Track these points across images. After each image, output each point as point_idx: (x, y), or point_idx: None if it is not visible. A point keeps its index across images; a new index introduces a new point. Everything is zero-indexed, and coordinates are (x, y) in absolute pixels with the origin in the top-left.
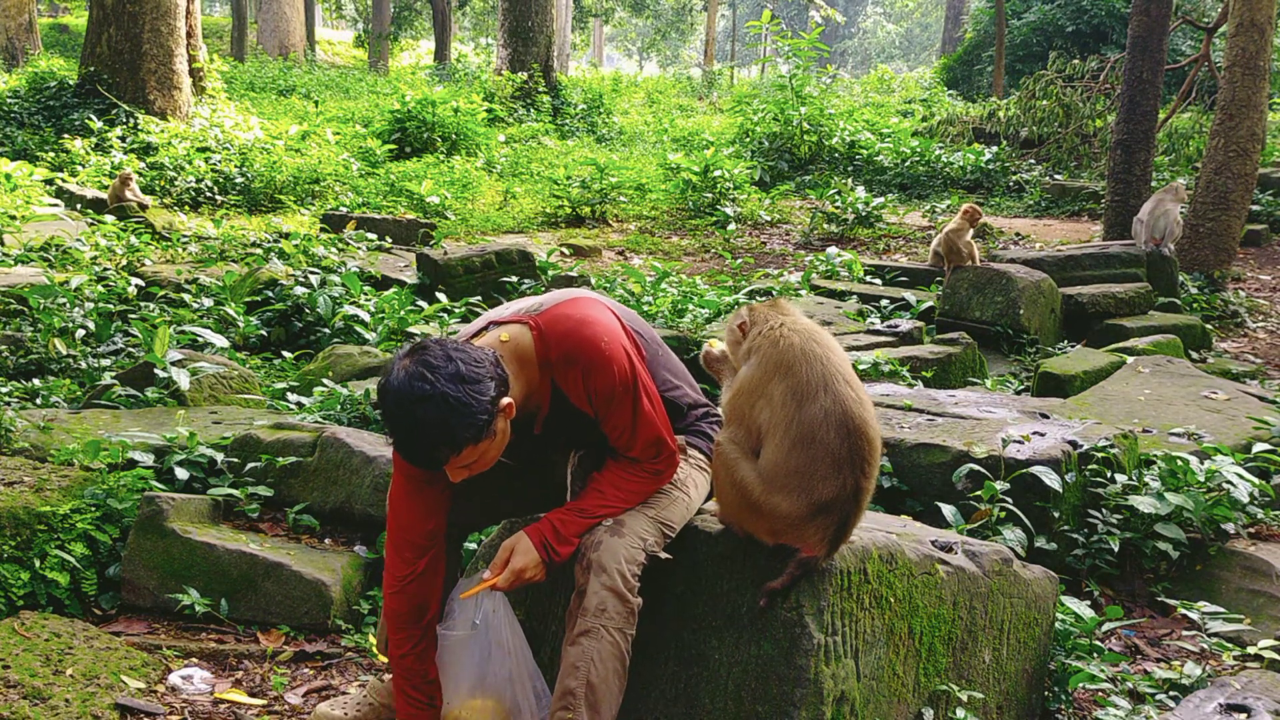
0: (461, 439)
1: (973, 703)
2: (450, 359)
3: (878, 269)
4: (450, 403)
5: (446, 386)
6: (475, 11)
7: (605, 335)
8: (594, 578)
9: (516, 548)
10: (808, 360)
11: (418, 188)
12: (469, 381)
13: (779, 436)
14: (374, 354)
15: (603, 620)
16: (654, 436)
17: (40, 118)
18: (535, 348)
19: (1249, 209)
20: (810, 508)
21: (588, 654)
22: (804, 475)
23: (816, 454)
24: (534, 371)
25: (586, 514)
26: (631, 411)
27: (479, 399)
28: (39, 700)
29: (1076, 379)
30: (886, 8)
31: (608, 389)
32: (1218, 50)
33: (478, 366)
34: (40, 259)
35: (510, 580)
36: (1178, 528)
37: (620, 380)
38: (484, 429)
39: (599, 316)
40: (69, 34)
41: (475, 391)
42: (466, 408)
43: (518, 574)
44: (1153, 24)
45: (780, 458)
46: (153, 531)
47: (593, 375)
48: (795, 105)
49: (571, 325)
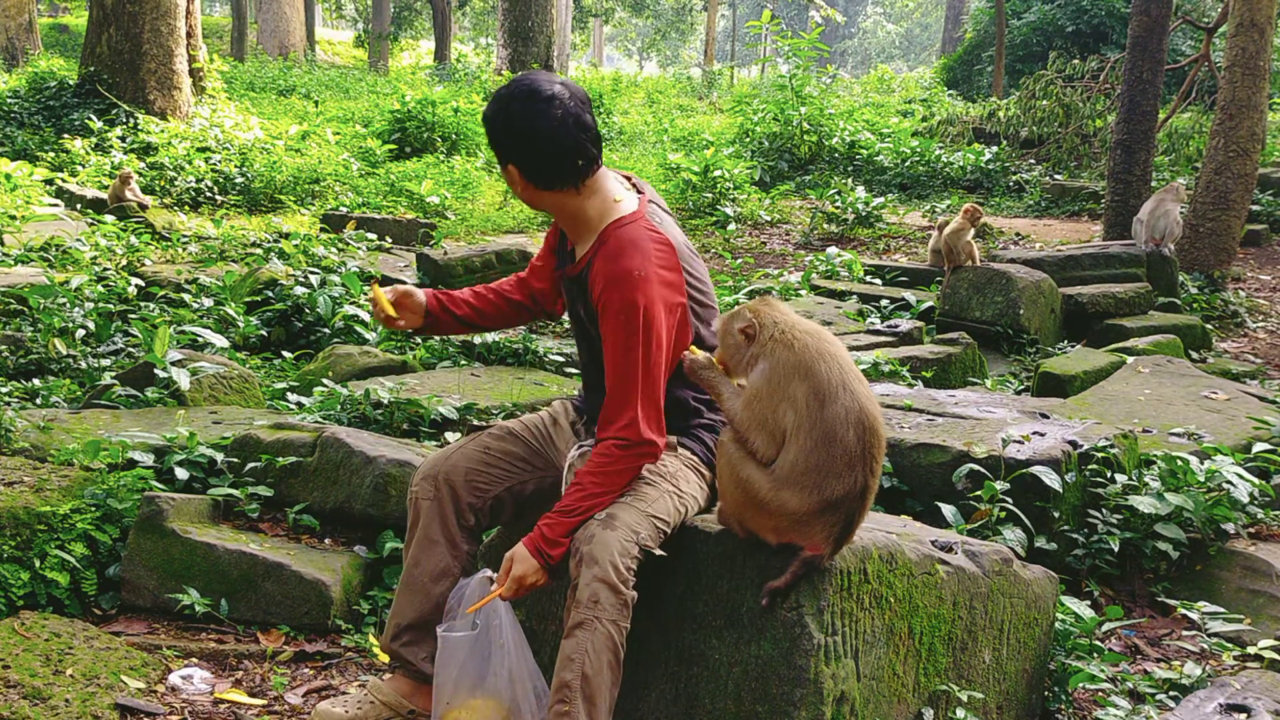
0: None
1: (973, 703)
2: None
3: (878, 269)
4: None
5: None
6: (475, 11)
7: (645, 273)
8: (585, 570)
9: (515, 556)
10: (824, 360)
11: (418, 188)
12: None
13: (803, 437)
14: (374, 354)
15: (595, 612)
16: (633, 387)
17: (40, 118)
18: (611, 221)
19: (1249, 209)
20: (820, 505)
21: (581, 646)
22: (821, 473)
23: (835, 452)
24: (596, 228)
25: (571, 513)
26: (623, 342)
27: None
28: (39, 700)
29: (1076, 379)
30: (886, 8)
31: (615, 306)
32: (1218, 50)
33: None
34: (40, 259)
35: (513, 589)
36: (1178, 528)
37: (628, 312)
38: (507, 147)
39: (656, 260)
40: (69, 34)
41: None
42: (508, 118)
43: (519, 581)
44: (1153, 24)
45: (802, 457)
46: (153, 531)
47: (613, 287)
48: (795, 105)
49: (637, 245)
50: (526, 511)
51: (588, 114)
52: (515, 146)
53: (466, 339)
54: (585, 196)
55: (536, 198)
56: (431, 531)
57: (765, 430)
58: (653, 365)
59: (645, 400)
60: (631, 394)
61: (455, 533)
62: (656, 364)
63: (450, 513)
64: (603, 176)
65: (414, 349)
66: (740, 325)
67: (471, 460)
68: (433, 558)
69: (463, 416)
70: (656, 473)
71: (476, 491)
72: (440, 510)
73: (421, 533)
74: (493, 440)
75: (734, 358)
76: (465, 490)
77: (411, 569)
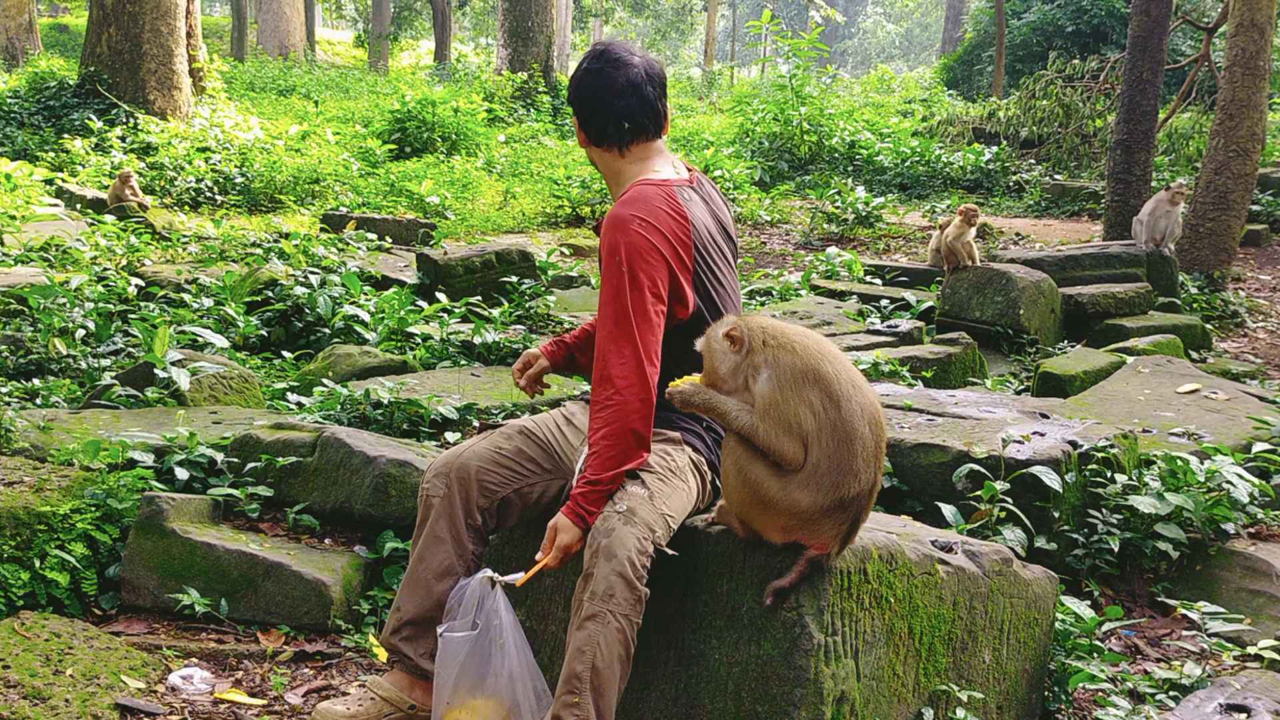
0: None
1: (973, 703)
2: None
3: (878, 269)
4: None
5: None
6: (475, 11)
7: (642, 221)
8: (603, 562)
9: (559, 526)
10: (829, 360)
11: (418, 188)
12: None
13: (825, 439)
14: (374, 354)
15: (610, 605)
16: (621, 331)
17: (40, 118)
18: (635, 180)
19: (1249, 209)
20: (834, 503)
21: (594, 638)
22: (840, 472)
23: (855, 450)
24: (622, 180)
25: (597, 484)
26: (611, 287)
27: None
28: (39, 700)
29: (1076, 379)
30: (886, 8)
31: (603, 247)
32: (1218, 50)
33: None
34: (40, 259)
35: (559, 557)
36: (1178, 528)
37: (610, 252)
38: (574, 106)
39: (654, 217)
40: (69, 34)
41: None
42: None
43: (565, 550)
44: (1153, 24)
45: (825, 458)
46: (153, 531)
47: (606, 229)
48: (795, 105)
49: (644, 198)
50: (530, 522)
51: (650, 87)
52: (574, 97)
53: (466, 338)
54: (629, 160)
55: (587, 149)
56: (439, 529)
57: (792, 435)
58: (638, 311)
59: (633, 345)
60: (620, 337)
61: (462, 532)
62: (641, 310)
63: (459, 511)
64: (654, 150)
65: (414, 349)
66: (725, 331)
67: (483, 460)
68: (438, 555)
69: (463, 416)
70: (668, 469)
71: (486, 492)
72: (450, 508)
73: (429, 529)
74: (504, 440)
75: (727, 373)
76: (476, 490)
77: (416, 565)
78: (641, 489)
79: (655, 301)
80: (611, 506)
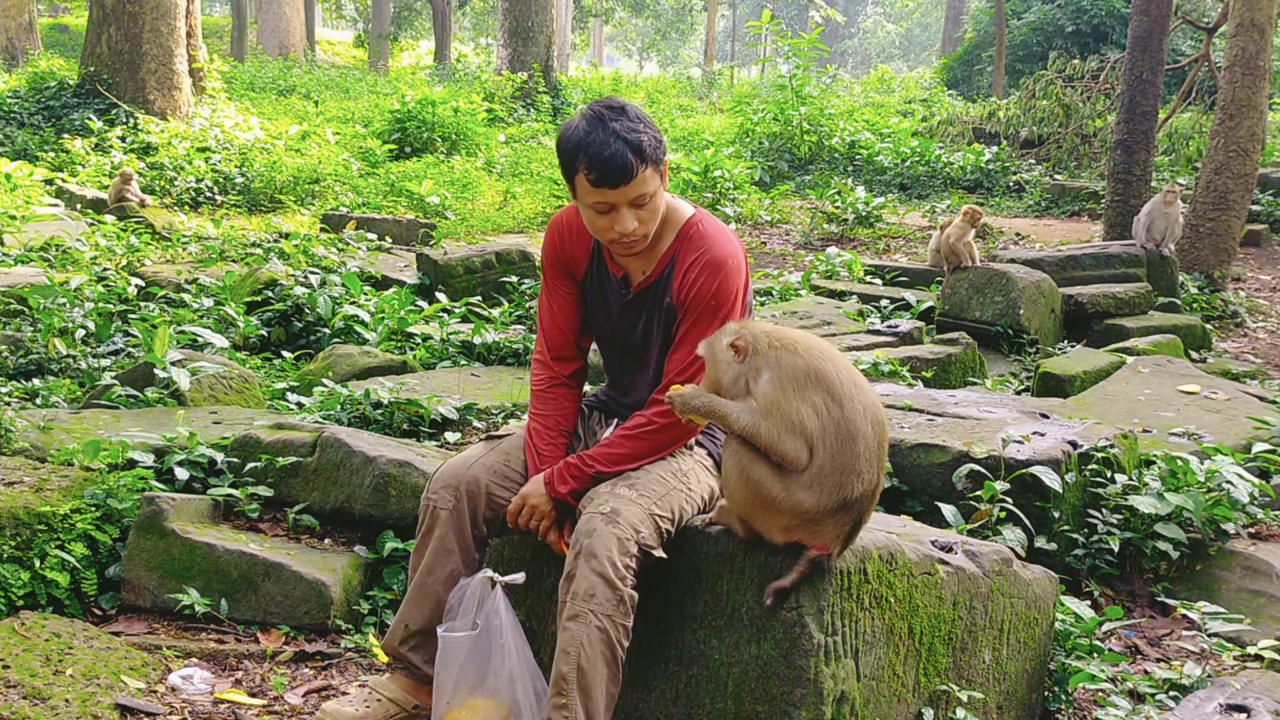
0: (650, 144)
1: (973, 703)
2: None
3: (878, 269)
4: (642, 113)
5: (636, 108)
6: (475, 11)
7: (738, 260)
8: (583, 563)
9: (529, 482)
10: (830, 361)
11: (418, 188)
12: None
13: (829, 439)
14: (374, 354)
15: (590, 605)
16: (693, 367)
17: (40, 118)
18: (687, 218)
19: (1249, 209)
20: (838, 504)
21: (576, 639)
22: (845, 472)
23: (858, 450)
24: (668, 234)
25: (591, 461)
26: (707, 326)
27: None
28: (39, 700)
29: (1076, 379)
30: (886, 8)
31: (708, 293)
32: (1218, 50)
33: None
34: (40, 259)
35: (517, 504)
36: (1178, 528)
37: (719, 298)
38: (661, 148)
39: (742, 249)
40: (69, 34)
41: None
42: (653, 123)
43: (523, 498)
44: (1153, 24)
45: (829, 459)
46: (153, 531)
47: (707, 274)
48: (795, 105)
49: (725, 234)
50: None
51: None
52: (660, 143)
53: (466, 338)
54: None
55: (661, 192)
56: (448, 541)
57: (795, 435)
58: None
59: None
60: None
61: (470, 543)
62: None
63: (467, 524)
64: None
65: (414, 349)
66: (729, 341)
67: (492, 473)
68: (447, 566)
69: (463, 416)
70: (669, 469)
71: (493, 505)
72: (458, 521)
73: (437, 541)
74: (513, 449)
75: (727, 377)
76: (484, 503)
77: (425, 576)
78: (629, 490)
79: None
80: (595, 507)
